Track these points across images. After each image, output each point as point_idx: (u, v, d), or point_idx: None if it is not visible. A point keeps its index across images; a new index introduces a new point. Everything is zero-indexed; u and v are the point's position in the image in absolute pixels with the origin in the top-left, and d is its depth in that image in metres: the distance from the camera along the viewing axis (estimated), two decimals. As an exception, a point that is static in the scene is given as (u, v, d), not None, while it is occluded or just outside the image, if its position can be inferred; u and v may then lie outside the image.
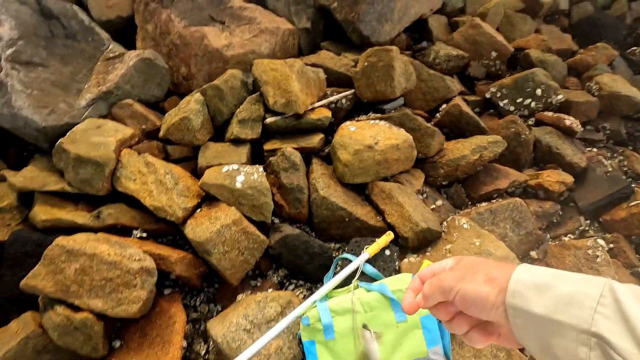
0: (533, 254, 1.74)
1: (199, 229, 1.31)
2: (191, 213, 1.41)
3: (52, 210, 1.31)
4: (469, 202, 1.86)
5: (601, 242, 1.60)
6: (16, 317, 1.15)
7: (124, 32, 2.03)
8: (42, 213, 1.29)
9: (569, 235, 1.86)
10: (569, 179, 1.89)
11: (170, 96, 1.93)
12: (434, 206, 1.76)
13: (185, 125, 1.58)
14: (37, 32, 1.60)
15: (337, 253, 1.56)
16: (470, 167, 1.81)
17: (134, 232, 1.37)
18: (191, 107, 1.60)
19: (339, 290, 1.27)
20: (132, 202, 1.40)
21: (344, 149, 1.60)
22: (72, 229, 1.29)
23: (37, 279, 1.08)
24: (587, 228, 1.91)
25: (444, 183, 1.86)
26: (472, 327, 0.45)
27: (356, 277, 1.26)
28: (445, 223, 1.65)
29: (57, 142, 1.36)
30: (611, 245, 1.75)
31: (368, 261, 1.37)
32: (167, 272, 1.31)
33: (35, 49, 1.55)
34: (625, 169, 2.17)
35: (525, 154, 2.02)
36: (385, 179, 1.69)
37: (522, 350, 1.36)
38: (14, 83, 1.42)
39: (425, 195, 1.79)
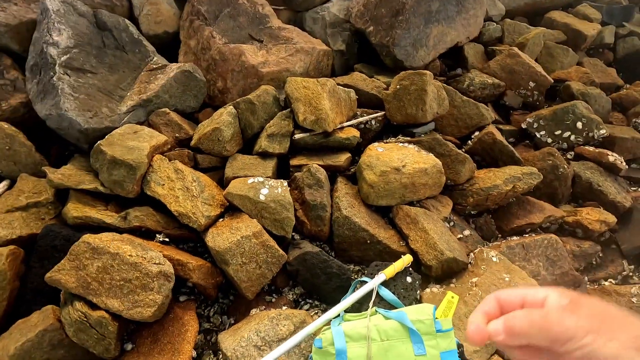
0: (568, 296, 1.61)
1: (219, 238, 1.32)
2: (213, 222, 1.42)
3: (84, 208, 1.36)
4: (499, 235, 1.76)
5: (648, 290, 1.45)
6: (38, 309, 1.18)
7: (169, 46, 2.15)
8: (74, 210, 1.34)
9: (609, 280, 1.71)
10: (611, 218, 1.76)
11: (204, 108, 2.00)
12: (460, 236, 1.68)
13: (216, 136, 1.62)
14: (90, 41, 1.72)
15: (355, 276, 1.51)
16: (502, 198, 1.73)
17: (157, 236, 1.39)
18: (223, 118, 1.64)
19: (356, 314, 1.22)
20: (159, 206, 1.43)
21: (370, 170, 1.58)
22: (100, 228, 1.33)
23: (62, 273, 1.11)
24: (630, 273, 1.75)
25: (473, 212, 1.78)
26: None
27: (372, 300, 1.20)
28: (472, 254, 1.57)
29: (96, 144, 1.43)
30: (659, 295, 1.59)
31: (388, 287, 1.32)
32: (184, 279, 1.31)
33: (87, 57, 1.67)
34: (675, 212, 2.00)
35: (563, 188, 1.91)
36: (411, 204, 1.64)
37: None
38: (64, 87, 1.52)
39: (452, 223, 1.72)
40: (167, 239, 1.41)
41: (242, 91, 1.98)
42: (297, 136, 1.67)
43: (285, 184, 1.53)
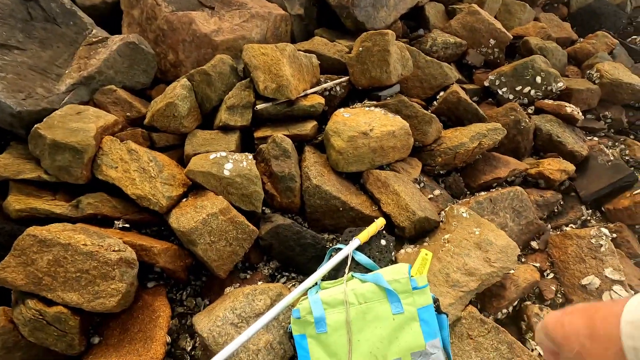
0: (534, 244, 1.68)
1: (183, 219, 1.24)
2: (176, 202, 1.34)
3: (28, 200, 1.23)
4: (468, 192, 1.80)
5: (605, 230, 1.54)
6: (-12, 312, 1.07)
7: (109, 18, 1.95)
8: (16, 203, 1.21)
9: (570, 225, 1.80)
10: (570, 167, 1.84)
11: (157, 84, 1.85)
12: (431, 196, 1.69)
13: (171, 112, 1.51)
14: (13, 14, 1.51)
15: (330, 244, 1.49)
16: (469, 156, 1.74)
17: (116, 222, 1.30)
18: (177, 92, 1.52)
19: (332, 281, 1.20)
20: (114, 191, 1.33)
21: (337, 136, 1.53)
22: (49, 220, 1.22)
23: (7, 271, 1.01)
24: (589, 218, 1.85)
25: (441, 172, 1.80)
26: None
27: (348, 266, 1.19)
28: (443, 213, 1.59)
29: (33, 128, 1.28)
30: (614, 235, 1.69)
31: (363, 252, 1.31)
32: (150, 264, 1.23)
33: (11, 31, 1.47)
34: (626, 157, 2.12)
35: (526, 142, 1.96)
36: (381, 168, 1.63)
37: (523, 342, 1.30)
38: (-12, 67, 1.34)
39: (422, 184, 1.73)
40: (127, 225, 1.31)
41: (196, 63, 1.84)
42: (259, 107, 1.59)
43: (251, 157, 1.46)
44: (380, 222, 1.38)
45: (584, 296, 1.47)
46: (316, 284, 1.20)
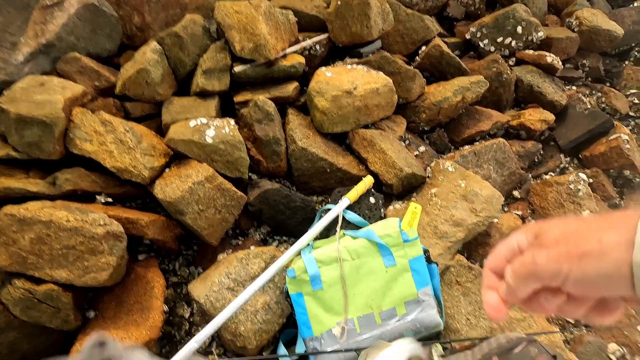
0: (516, 193, 1.74)
1: (168, 189, 1.21)
2: (159, 173, 1.30)
3: (-1, 180, 1.17)
4: (452, 147, 1.82)
5: (583, 175, 1.60)
6: (-26, 296, 1.04)
7: (62, -22, 1.77)
8: (-13, 183, 1.14)
9: (550, 173, 1.86)
10: (550, 116, 1.87)
11: (125, 50, 1.73)
12: (417, 153, 1.70)
13: (144, 78, 1.42)
14: (-49, -25, 1.35)
15: (319, 206, 1.50)
16: (453, 110, 1.74)
17: (97, 197, 1.25)
18: (148, 57, 1.43)
19: (324, 240, 1.22)
20: (92, 165, 1.27)
21: (320, 96, 1.49)
22: (25, 199, 1.16)
23: (-12, 253, 0.97)
24: (567, 165, 1.92)
25: (426, 129, 1.80)
26: (590, 308, 0.34)
27: (339, 225, 1.20)
28: (429, 168, 1.61)
29: (-6, 103, 1.19)
30: (590, 180, 1.77)
31: (353, 210, 1.32)
32: (139, 237, 1.21)
33: (-48, -5, 1.33)
34: (603, 105, 2.17)
35: (507, 94, 1.97)
36: (366, 127, 1.61)
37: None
38: None
39: (407, 142, 1.73)
40: (110, 200, 1.27)
41: (165, 25, 1.72)
42: (237, 69, 1.52)
43: (233, 122, 1.41)
44: (368, 181, 1.38)
45: (562, 239, 1.55)
46: (309, 244, 1.21)
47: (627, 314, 1.45)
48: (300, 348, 1.12)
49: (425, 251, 1.15)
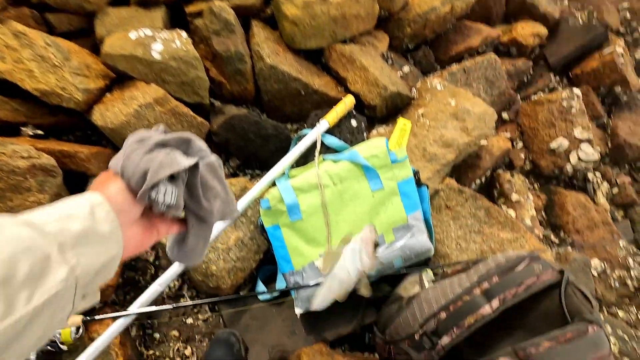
0: (505, 115, 1.63)
1: (109, 114, 1.00)
2: (97, 97, 1.07)
3: None
4: (439, 67, 1.64)
5: (577, 90, 1.49)
6: None
7: None
8: None
9: (539, 94, 1.75)
10: (543, 30, 1.71)
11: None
12: (400, 73, 1.52)
13: (64, -20, 1.13)
14: None
15: (295, 135, 1.33)
16: (441, 23, 1.55)
17: (23, 129, 1.03)
18: (66, -50, 1.12)
19: (301, 168, 1.07)
20: (11, 90, 1.02)
21: (290, 2, 1.25)
22: None
23: None
24: (556, 85, 1.81)
25: (410, 46, 1.60)
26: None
27: (317, 149, 1.05)
28: (414, 89, 1.45)
29: None
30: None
31: (331, 134, 1.17)
32: (81, 173, 1.02)
33: None
34: (594, 20, 2.02)
35: (497, 7, 1.78)
36: (344, 42, 1.40)
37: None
38: None
39: (390, 61, 1.54)
40: (40, 132, 1.05)
41: None
42: (185, -31, 1.23)
43: (185, 34, 1.17)
44: (349, 101, 1.21)
45: (551, 160, 1.48)
46: (284, 173, 1.06)
47: (610, 230, 1.45)
48: (280, 284, 1.02)
49: (415, 173, 1.03)
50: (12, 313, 0.26)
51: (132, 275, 1.10)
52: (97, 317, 0.83)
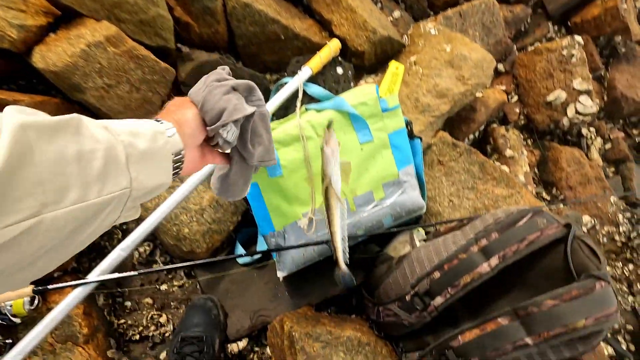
0: (500, 66, 1.52)
1: (52, 54, 0.85)
2: (38, 38, 0.91)
3: None
4: (432, 13, 1.50)
5: (578, 38, 1.39)
6: None
7: None
8: None
9: (535, 44, 1.64)
10: (544, -30, 1.57)
11: None
12: (390, 18, 1.38)
13: None
14: None
15: (274, 84, 1.20)
16: (435, -40, 1.39)
17: (-51, 75, 0.87)
18: None
19: (281, 120, 0.96)
20: None
21: None
22: None
23: None
24: (554, 35, 1.70)
25: (401, -12, 1.45)
26: None
27: (299, 99, 0.94)
28: (406, 36, 1.32)
29: None
30: (579, 49, 1.57)
31: (315, 82, 1.04)
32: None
33: None
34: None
35: (497, -55, 1.61)
36: (328, -20, 1.24)
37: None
38: None
39: (379, 5, 1.39)
40: (-29, 79, 0.89)
41: None
42: None
43: (140, -37, 0.99)
44: (334, 45, 1.08)
45: (547, 113, 1.41)
46: (262, 125, 0.95)
47: (602, 186, 1.41)
48: (261, 246, 0.95)
49: (408, 123, 0.94)
50: (86, 199, 0.29)
51: (97, 241, 1.00)
52: (50, 286, 0.74)
